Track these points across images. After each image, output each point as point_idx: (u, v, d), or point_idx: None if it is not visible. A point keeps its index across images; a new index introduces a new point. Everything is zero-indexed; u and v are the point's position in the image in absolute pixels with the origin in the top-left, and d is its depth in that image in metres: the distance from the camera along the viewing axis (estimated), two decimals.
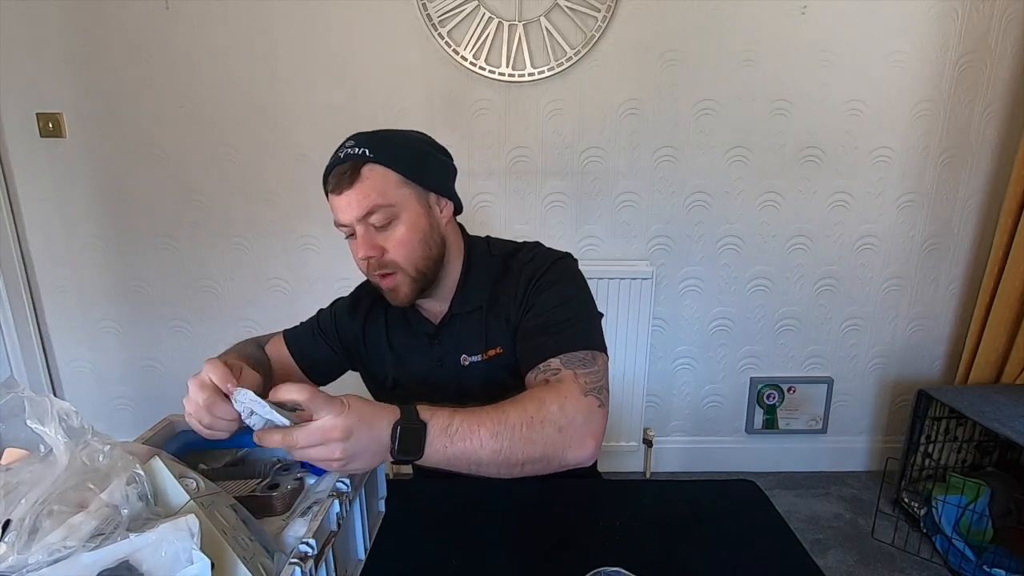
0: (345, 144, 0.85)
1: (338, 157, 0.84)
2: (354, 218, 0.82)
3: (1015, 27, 1.72)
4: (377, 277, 0.86)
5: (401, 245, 0.84)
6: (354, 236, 0.84)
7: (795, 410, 2.06)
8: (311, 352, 1.00)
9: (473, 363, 0.92)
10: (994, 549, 1.60)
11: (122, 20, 1.72)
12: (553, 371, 0.78)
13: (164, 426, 0.77)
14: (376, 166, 0.82)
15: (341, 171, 0.82)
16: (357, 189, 0.81)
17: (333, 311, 1.03)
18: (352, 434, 0.61)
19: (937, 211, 1.89)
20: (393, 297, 0.87)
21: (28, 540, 0.48)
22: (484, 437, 0.67)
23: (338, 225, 0.85)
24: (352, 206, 0.81)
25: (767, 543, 0.75)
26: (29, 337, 1.96)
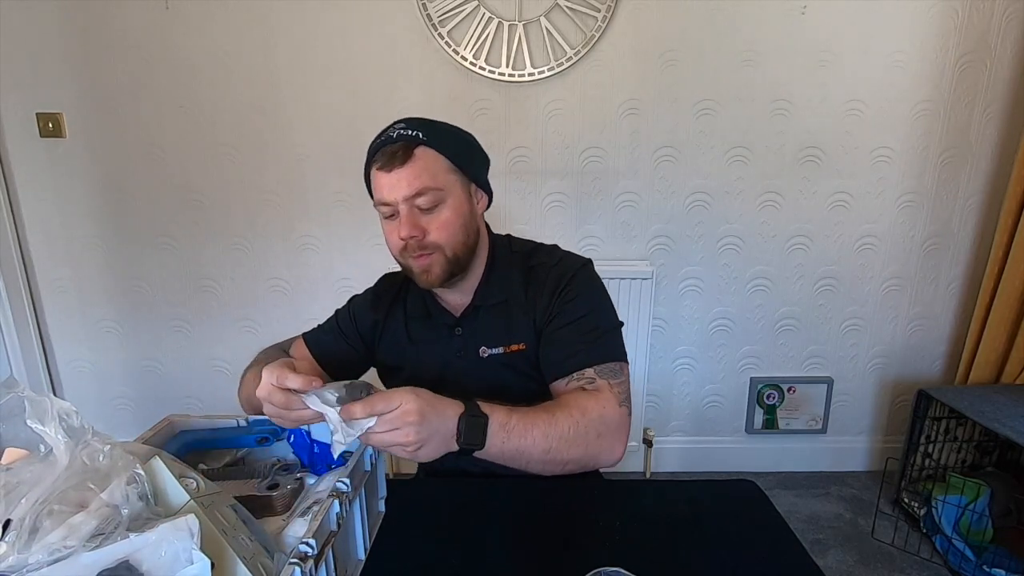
0: (395, 125, 0.86)
1: (389, 136, 0.85)
2: (402, 197, 0.83)
3: (1015, 27, 1.72)
4: (411, 258, 0.87)
5: (443, 228, 0.85)
6: (394, 216, 0.85)
7: (795, 410, 2.06)
8: (332, 352, 1.02)
9: (493, 355, 0.93)
10: (994, 549, 1.60)
11: (122, 20, 1.72)
12: (588, 380, 0.85)
13: (164, 426, 0.77)
14: (428, 149, 0.84)
15: (393, 150, 0.83)
16: (409, 168, 0.82)
17: (351, 307, 1.05)
18: (425, 419, 0.64)
19: (937, 211, 1.89)
20: (424, 278, 0.88)
21: (28, 540, 0.48)
22: (537, 436, 0.74)
23: (380, 203, 0.86)
24: (402, 184, 0.82)
25: (767, 543, 0.75)
26: (29, 337, 1.96)
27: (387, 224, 0.88)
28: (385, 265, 1.85)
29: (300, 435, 0.77)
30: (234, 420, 0.79)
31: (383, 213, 0.87)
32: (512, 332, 0.93)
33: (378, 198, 0.86)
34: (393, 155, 0.83)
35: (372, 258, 1.90)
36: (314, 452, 0.76)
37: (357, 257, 1.92)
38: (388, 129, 0.87)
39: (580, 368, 0.86)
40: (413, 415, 0.63)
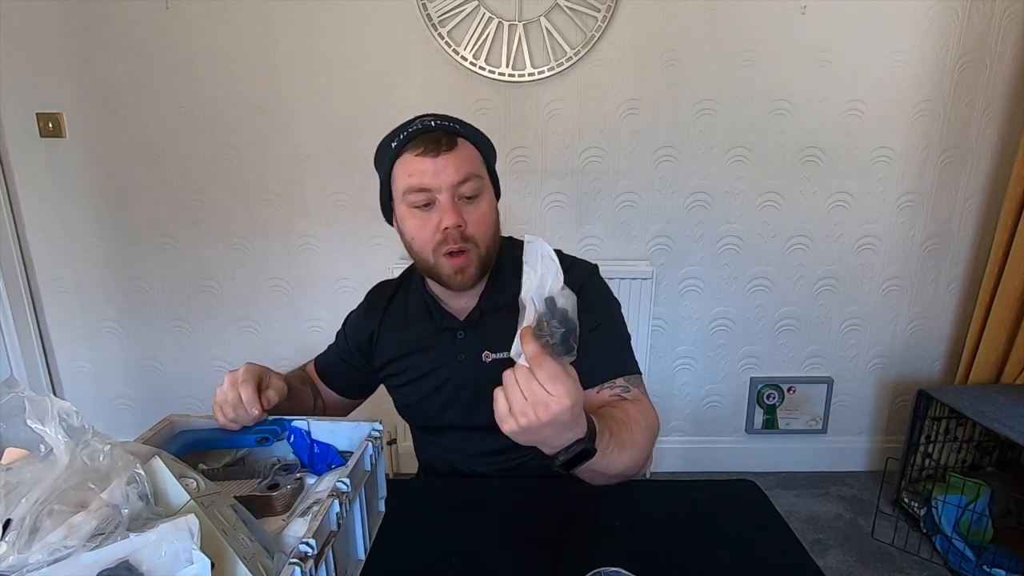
0: (425, 117, 0.85)
1: (427, 125, 0.83)
2: (448, 182, 0.80)
3: (1015, 27, 1.72)
4: (446, 256, 0.83)
5: (481, 221, 0.84)
6: (428, 206, 0.82)
7: (795, 410, 2.06)
8: (337, 376, 1.03)
9: (496, 360, 0.91)
10: (994, 549, 1.60)
11: (122, 20, 1.72)
12: (623, 388, 0.86)
13: (164, 426, 0.77)
14: (468, 144, 0.84)
15: (434, 137, 0.81)
16: (456, 154, 0.81)
17: (345, 328, 1.05)
18: (571, 412, 0.58)
19: (937, 211, 1.89)
20: (459, 279, 0.85)
21: (28, 539, 0.48)
22: (623, 457, 0.73)
23: (417, 190, 0.81)
24: (448, 169, 0.80)
25: (767, 543, 0.75)
26: (29, 337, 1.96)
27: (418, 215, 0.83)
28: (385, 265, 1.86)
29: (300, 435, 0.78)
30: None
31: (416, 202, 0.82)
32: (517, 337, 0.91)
33: (413, 184, 0.81)
34: (437, 141, 0.81)
35: (372, 258, 1.91)
36: (314, 452, 0.77)
37: (357, 257, 1.92)
38: (414, 121, 0.84)
39: (612, 378, 0.86)
40: (572, 392, 0.57)
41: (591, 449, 0.66)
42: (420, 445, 1.06)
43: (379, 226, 1.93)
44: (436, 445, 1.00)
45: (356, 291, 1.94)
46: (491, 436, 0.93)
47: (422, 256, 0.86)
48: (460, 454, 0.97)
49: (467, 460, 0.97)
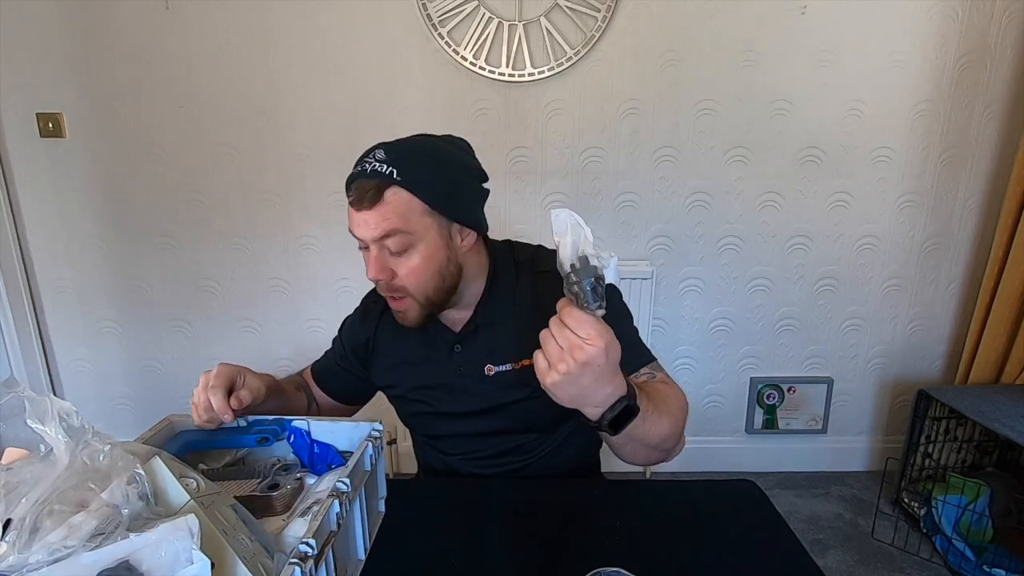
0: (374, 154, 0.78)
1: (363, 169, 0.78)
2: (369, 238, 0.79)
3: (1015, 27, 1.72)
4: (386, 296, 0.86)
5: (413, 274, 0.81)
6: (367, 249, 0.82)
7: (795, 410, 2.06)
8: (333, 382, 1.02)
9: (500, 372, 0.89)
10: (994, 549, 1.60)
11: (122, 20, 1.72)
12: (648, 375, 0.86)
13: (164, 426, 0.77)
14: (401, 191, 0.77)
15: (364, 187, 0.77)
16: (377, 211, 0.77)
17: (341, 335, 1.03)
18: (606, 355, 0.60)
19: (937, 211, 1.89)
20: (401, 318, 0.87)
21: (28, 539, 0.48)
22: (662, 422, 0.73)
23: (354, 236, 0.82)
24: (369, 225, 0.78)
25: (767, 543, 0.75)
26: (29, 337, 1.96)
27: (363, 255, 0.84)
28: None
29: (300, 435, 0.78)
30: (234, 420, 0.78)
31: (359, 246, 0.83)
32: (522, 347, 0.87)
33: (350, 230, 0.82)
34: (364, 192, 0.77)
35: None
36: (314, 452, 0.77)
37: (357, 257, 1.88)
38: (366, 155, 0.80)
39: (637, 368, 0.86)
40: (602, 338, 0.59)
41: (634, 406, 0.67)
42: (421, 449, 1.05)
43: None
44: (439, 451, 0.99)
45: (356, 291, 1.94)
46: (495, 440, 0.94)
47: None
48: (464, 459, 0.97)
49: (470, 464, 0.96)
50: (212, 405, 0.74)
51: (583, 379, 0.61)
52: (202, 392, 0.75)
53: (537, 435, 0.94)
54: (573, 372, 0.60)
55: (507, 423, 0.92)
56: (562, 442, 0.96)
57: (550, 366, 0.61)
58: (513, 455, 0.95)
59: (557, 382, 0.62)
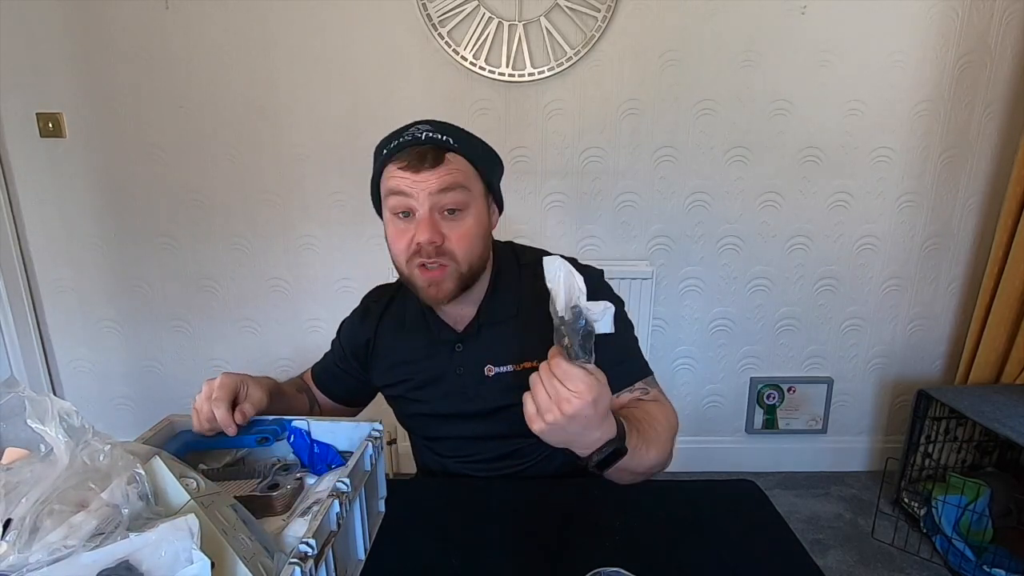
0: (419, 126, 0.81)
1: (416, 138, 0.79)
2: (427, 194, 0.78)
3: (1015, 27, 1.72)
4: (420, 268, 0.82)
5: (464, 237, 0.81)
6: (408, 217, 0.81)
7: (795, 410, 2.06)
8: (333, 384, 1.02)
9: (500, 374, 0.89)
10: (994, 549, 1.60)
11: (122, 20, 1.72)
12: (642, 390, 0.87)
13: (164, 426, 0.77)
14: (459, 156, 0.81)
15: (422, 152, 0.78)
16: (440, 169, 0.79)
17: (340, 337, 1.03)
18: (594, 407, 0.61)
19: (937, 211, 1.89)
20: (432, 292, 0.83)
21: (29, 539, 0.48)
22: (650, 453, 0.75)
23: (394, 194, 0.80)
24: (431, 183, 0.78)
25: (767, 543, 0.75)
26: (29, 337, 1.96)
27: (397, 224, 0.82)
28: (385, 265, 1.85)
29: (300, 435, 0.78)
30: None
31: (395, 208, 0.81)
32: (524, 348, 0.88)
33: (393, 187, 0.80)
34: (423, 156, 0.78)
35: (372, 258, 1.91)
36: (314, 452, 0.77)
37: (357, 257, 1.92)
38: (410, 129, 0.82)
39: (630, 384, 0.87)
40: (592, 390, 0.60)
41: (623, 448, 0.68)
42: (418, 451, 1.05)
43: (379, 226, 1.93)
44: (436, 453, 0.99)
45: (356, 291, 1.94)
46: (492, 443, 0.93)
47: (397, 264, 0.85)
48: (461, 462, 0.97)
49: (467, 467, 0.96)
50: (215, 417, 0.74)
51: (570, 428, 0.62)
52: (205, 402, 0.74)
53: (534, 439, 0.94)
54: (560, 422, 0.61)
55: (503, 427, 0.91)
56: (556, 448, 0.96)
57: (538, 412, 0.62)
58: (510, 459, 0.94)
59: (544, 430, 0.63)
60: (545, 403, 0.62)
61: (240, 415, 0.75)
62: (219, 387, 0.75)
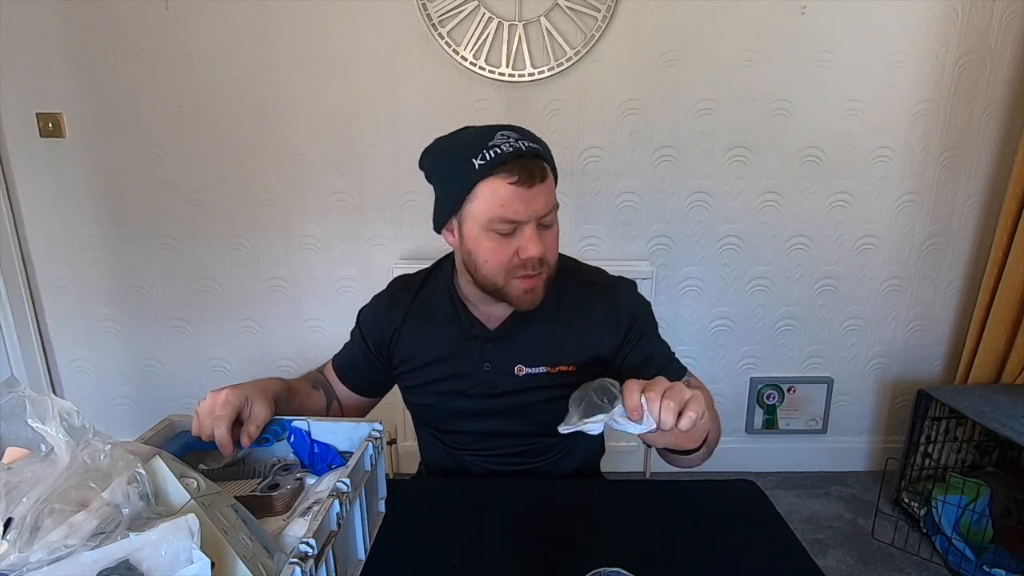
0: (506, 133, 0.80)
1: (517, 149, 0.78)
2: (536, 215, 0.79)
3: (1015, 27, 1.72)
4: (517, 278, 0.82)
5: (553, 245, 0.85)
6: (507, 234, 0.80)
7: (795, 410, 2.07)
8: (355, 375, 1.00)
9: (532, 374, 0.90)
10: (994, 549, 1.60)
11: (122, 20, 1.72)
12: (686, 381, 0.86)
13: (164, 426, 0.76)
14: (548, 167, 0.83)
15: (527, 166, 0.78)
16: (546, 185, 0.80)
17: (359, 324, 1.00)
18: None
19: (937, 211, 1.89)
20: (530, 299, 0.84)
21: (29, 538, 0.48)
22: (715, 428, 0.79)
23: (506, 220, 0.78)
24: (539, 202, 0.79)
25: (767, 543, 0.75)
26: (29, 337, 1.96)
27: (497, 240, 0.80)
28: (385, 264, 1.86)
29: (300, 435, 0.78)
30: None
31: (501, 231, 0.79)
32: (560, 353, 0.89)
33: (504, 215, 0.78)
34: (530, 171, 0.77)
35: (372, 258, 1.91)
36: (314, 452, 0.76)
37: (357, 257, 1.92)
38: (495, 136, 0.79)
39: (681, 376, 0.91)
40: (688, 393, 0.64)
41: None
42: (426, 444, 1.04)
43: (379, 225, 1.95)
44: (447, 446, 0.98)
45: (356, 291, 1.95)
46: (510, 440, 0.94)
47: (491, 278, 0.83)
48: (473, 455, 0.96)
49: (479, 460, 0.96)
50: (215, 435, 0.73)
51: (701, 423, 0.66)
52: (207, 417, 0.73)
53: (554, 439, 0.95)
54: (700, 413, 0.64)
55: (525, 425, 0.92)
56: (573, 447, 0.97)
57: (699, 416, 0.64)
58: (525, 456, 0.95)
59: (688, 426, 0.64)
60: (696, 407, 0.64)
61: (246, 438, 0.74)
62: (222, 405, 0.73)
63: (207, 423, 0.73)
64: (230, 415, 0.73)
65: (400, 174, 1.84)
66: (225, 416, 0.73)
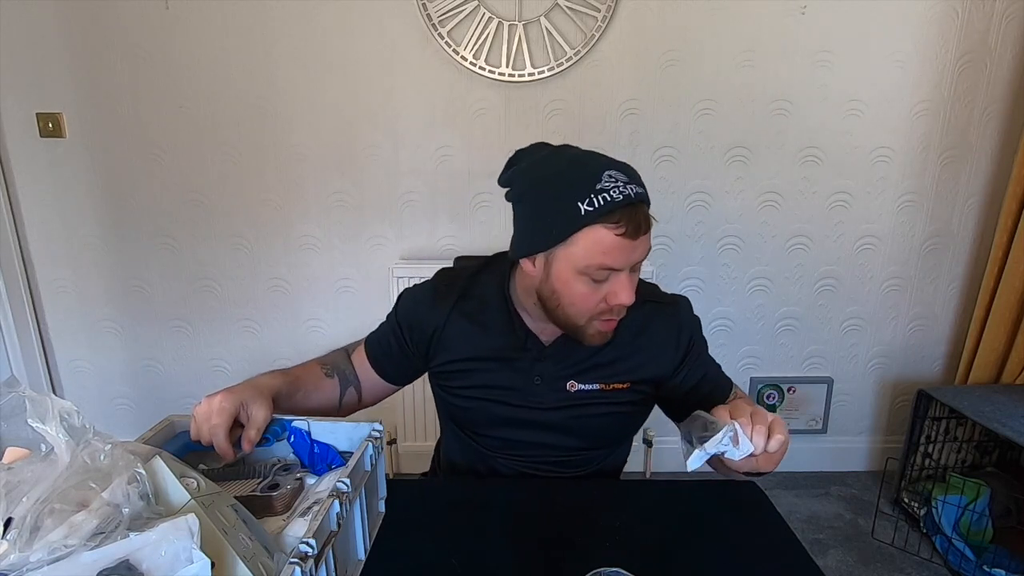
0: (614, 175, 0.76)
1: (627, 197, 0.75)
2: (635, 263, 0.79)
3: (1015, 27, 1.73)
4: (603, 320, 0.82)
5: (635, 288, 0.81)
6: (601, 280, 0.78)
7: (795, 410, 2.07)
8: (388, 363, 0.97)
9: (584, 391, 0.89)
10: (994, 549, 1.60)
11: (122, 20, 1.72)
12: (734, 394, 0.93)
13: (164, 426, 0.76)
14: (650, 214, 0.81)
15: (638, 215, 0.76)
16: (648, 236, 0.79)
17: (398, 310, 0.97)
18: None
19: (937, 211, 1.89)
20: (603, 339, 0.84)
21: (29, 538, 0.48)
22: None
23: (604, 268, 0.76)
24: (640, 249, 0.78)
25: (767, 543, 0.75)
26: (29, 337, 1.96)
27: (590, 284, 0.78)
28: (385, 264, 1.86)
29: (300, 435, 0.78)
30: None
31: (597, 277, 0.77)
32: (615, 370, 0.89)
33: (605, 264, 0.76)
34: (638, 222, 0.76)
35: (372, 258, 1.91)
36: (314, 452, 0.77)
37: (357, 257, 1.92)
38: (609, 175, 0.76)
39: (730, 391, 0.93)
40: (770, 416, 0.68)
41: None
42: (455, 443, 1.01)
43: (379, 225, 1.95)
44: (481, 447, 0.96)
45: (356, 291, 1.95)
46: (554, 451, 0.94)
47: (572, 319, 0.82)
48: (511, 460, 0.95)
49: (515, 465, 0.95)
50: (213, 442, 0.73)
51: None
52: (204, 424, 0.73)
53: (601, 451, 0.96)
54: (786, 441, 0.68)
55: (573, 440, 0.92)
56: (608, 455, 0.98)
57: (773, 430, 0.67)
58: (565, 466, 0.95)
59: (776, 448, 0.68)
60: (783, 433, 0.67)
61: (247, 444, 0.74)
62: (218, 412, 0.72)
63: (204, 430, 0.73)
64: (226, 422, 0.73)
65: (400, 174, 1.84)
66: (222, 424, 0.72)
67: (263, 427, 0.76)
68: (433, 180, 1.84)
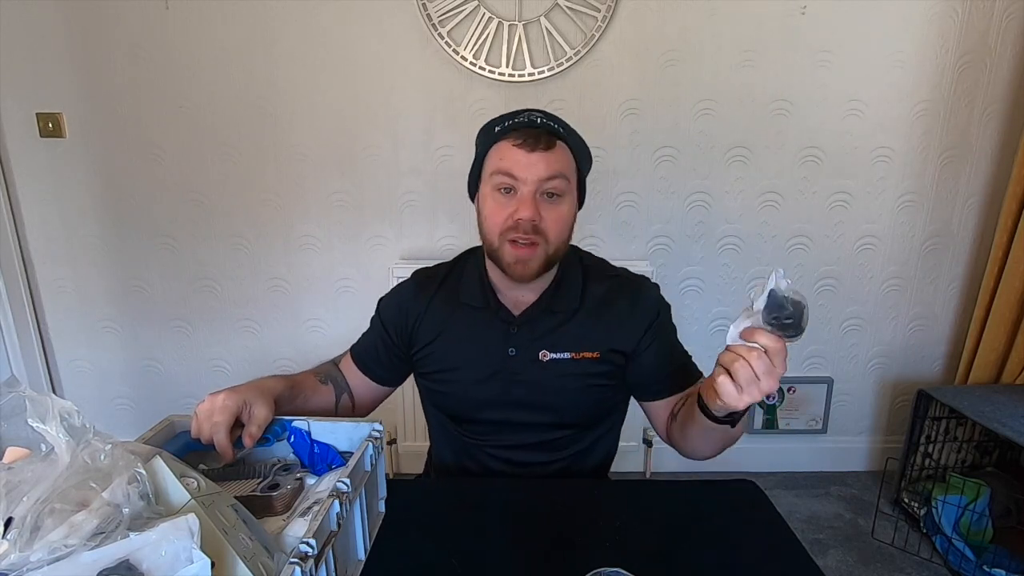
0: (532, 112, 0.88)
1: (532, 121, 0.86)
2: (535, 178, 0.83)
3: (1015, 27, 1.73)
4: (511, 243, 0.85)
5: (557, 222, 0.86)
6: (510, 192, 0.85)
7: (795, 410, 2.07)
8: (376, 366, 1.00)
9: (556, 360, 0.92)
10: (994, 549, 1.60)
11: (122, 20, 1.72)
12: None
13: (165, 426, 0.77)
14: (566, 148, 0.87)
15: (536, 133, 0.84)
16: (551, 155, 0.84)
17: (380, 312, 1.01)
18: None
19: (937, 211, 1.89)
20: (519, 268, 0.87)
21: (30, 538, 0.48)
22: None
23: (503, 174, 0.85)
24: (540, 167, 0.83)
25: (767, 543, 0.75)
26: (29, 337, 1.96)
27: (498, 199, 0.86)
28: (385, 264, 1.86)
29: (300, 435, 0.78)
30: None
31: (499, 184, 0.85)
32: (584, 340, 0.92)
33: (502, 167, 0.84)
34: (536, 138, 0.84)
35: (372, 258, 1.91)
36: (314, 452, 0.77)
37: (357, 257, 1.92)
38: (523, 113, 0.88)
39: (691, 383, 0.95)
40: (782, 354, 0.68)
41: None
42: (442, 439, 1.03)
43: (379, 225, 1.95)
44: (466, 437, 0.98)
45: (356, 291, 1.95)
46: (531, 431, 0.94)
47: (489, 238, 0.88)
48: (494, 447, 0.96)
49: (499, 452, 0.96)
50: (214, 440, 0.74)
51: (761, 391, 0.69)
52: (206, 422, 0.74)
53: (573, 431, 0.96)
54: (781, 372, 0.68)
55: (549, 415, 0.93)
56: (592, 443, 0.98)
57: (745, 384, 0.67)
58: (546, 450, 0.95)
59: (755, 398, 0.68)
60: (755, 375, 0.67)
61: (249, 439, 0.75)
62: (220, 410, 0.74)
63: (205, 427, 0.74)
64: (228, 420, 0.74)
65: (400, 174, 1.84)
66: (223, 422, 0.73)
67: (264, 425, 0.76)
68: (433, 180, 1.84)
